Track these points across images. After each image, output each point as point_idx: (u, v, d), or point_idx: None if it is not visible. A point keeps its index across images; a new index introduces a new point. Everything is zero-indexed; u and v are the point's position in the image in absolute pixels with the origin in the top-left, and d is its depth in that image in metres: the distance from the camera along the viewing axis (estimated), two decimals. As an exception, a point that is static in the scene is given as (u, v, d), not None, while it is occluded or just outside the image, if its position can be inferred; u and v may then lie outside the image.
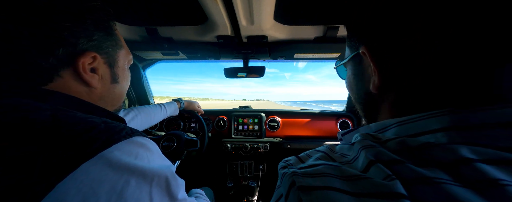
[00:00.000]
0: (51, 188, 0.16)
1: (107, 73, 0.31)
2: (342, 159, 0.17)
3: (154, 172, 0.22)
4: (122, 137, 0.22)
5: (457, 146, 0.13)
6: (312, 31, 0.74)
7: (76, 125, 0.20)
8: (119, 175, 0.19)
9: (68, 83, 0.26)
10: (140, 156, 0.22)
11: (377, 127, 0.19)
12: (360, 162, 0.15)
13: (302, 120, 1.15)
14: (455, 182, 0.11)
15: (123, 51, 0.34)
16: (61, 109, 0.21)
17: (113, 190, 0.18)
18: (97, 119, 0.23)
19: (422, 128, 0.15)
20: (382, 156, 0.14)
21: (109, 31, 0.30)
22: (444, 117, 0.14)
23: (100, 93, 0.31)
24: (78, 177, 0.17)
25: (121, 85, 0.35)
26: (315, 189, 0.13)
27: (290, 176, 0.15)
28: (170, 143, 0.81)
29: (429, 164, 0.13)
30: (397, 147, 0.15)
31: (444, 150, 0.13)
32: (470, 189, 0.11)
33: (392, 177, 0.12)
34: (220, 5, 0.53)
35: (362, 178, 0.13)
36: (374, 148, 0.15)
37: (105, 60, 0.30)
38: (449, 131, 0.14)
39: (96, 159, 0.19)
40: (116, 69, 0.33)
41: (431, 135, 0.14)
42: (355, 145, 0.17)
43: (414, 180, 0.12)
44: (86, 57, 0.27)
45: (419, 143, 0.14)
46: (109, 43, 0.30)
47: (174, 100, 0.92)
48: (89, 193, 0.17)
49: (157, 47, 0.78)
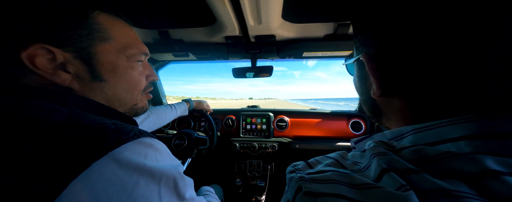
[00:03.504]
0: (65, 185, 0.17)
1: (82, 70, 0.27)
2: (354, 167, 0.16)
3: (162, 172, 0.23)
4: (130, 138, 0.22)
5: (481, 156, 0.12)
6: (322, 28, 0.72)
7: (90, 126, 0.21)
8: (129, 176, 0.20)
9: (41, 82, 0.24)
10: (149, 156, 0.23)
11: (393, 135, 0.18)
12: (372, 170, 0.14)
13: (312, 120, 1.13)
14: (479, 196, 0.10)
15: (108, 44, 0.28)
16: (76, 111, 0.22)
17: (123, 190, 0.19)
18: (108, 121, 0.23)
19: (442, 136, 0.14)
20: (396, 165, 0.13)
21: (78, 19, 0.25)
22: (466, 124, 0.13)
23: (83, 94, 0.28)
24: (91, 176, 0.18)
25: (111, 84, 0.30)
26: (322, 196, 0.13)
27: (297, 181, 0.15)
28: (181, 142, 0.84)
29: (449, 175, 0.12)
30: (413, 156, 0.14)
31: (467, 161, 0.12)
32: None
33: (407, 187, 0.11)
34: (228, 6, 0.53)
35: (373, 187, 0.12)
36: (387, 155, 0.14)
37: (74, 53, 0.26)
38: (472, 140, 0.13)
39: (106, 158, 0.19)
40: (96, 64, 0.28)
41: (452, 143, 0.13)
42: (367, 152, 0.16)
43: (431, 192, 0.11)
44: (29, 50, 0.23)
45: (438, 152, 0.13)
46: (76, 33, 0.25)
47: (183, 101, 0.95)
48: (101, 193, 0.18)
49: (169, 49, 0.81)
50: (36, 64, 0.23)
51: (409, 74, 0.17)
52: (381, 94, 0.19)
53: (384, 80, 0.19)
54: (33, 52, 0.23)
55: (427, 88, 0.16)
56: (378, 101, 0.21)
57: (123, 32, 0.31)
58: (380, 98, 0.20)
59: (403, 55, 0.16)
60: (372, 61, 0.19)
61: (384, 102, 0.21)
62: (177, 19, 0.67)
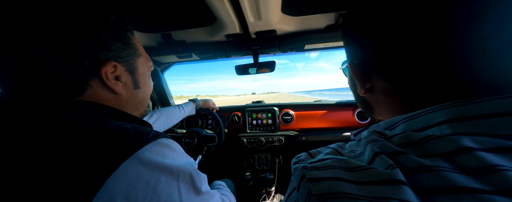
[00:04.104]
0: (101, 183, 0.19)
1: (129, 80, 0.34)
2: (351, 154, 0.18)
3: (179, 169, 0.25)
4: (149, 139, 0.25)
5: (458, 136, 0.13)
6: (323, 19, 0.71)
7: (113, 131, 0.23)
8: (151, 173, 0.22)
9: (97, 91, 0.30)
10: (167, 155, 0.25)
11: (387, 125, 0.19)
12: (366, 155, 0.16)
13: (317, 112, 1.14)
14: (454, 169, 0.12)
15: (141, 59, 0.37)
16: (100, 118, 0.25)
17: (148, 185, 0.22)
18: (128, 125, 0.26)
19: (428, 122, 0.16)
20: (386, 149, 0.15)
21: (126, 41, 0.33)
22: (448, 110, 0.15)
23: (126, 98, 0.34)
24: (120, 175, 0.20)
25: (143, 90, 0.37)
26: (323, 180, 0.14)
27: (301, 170, 0.17)
28: (191, 140, 0.87)
29: (430, 154, 0.13)
30: (402, 141, 0.15)
31: (446, 141, 0.13)
32: (468, 175, 0.11)
33: (394, 166, 0.13)
34: (227, 5, 0.54)
35: (366, 168, 0.14)
36: (379, 141, 0.16)
37: (126, 68, 0.33)
38: (452, 123, 0.14)
39: (131, 159, 0.22)
40: (137, 75, 0.35)
41: (437, 127, 0.15)
42: (362, 140, 0.18)
43: (414, 169, 0.13)
44: (108, 66, 0.29)
45: (423, 136, 0.15)
46: (127, 52, 0.33)
47: (190, 100, 0.98)
48: (130, 189, 0.20)
49: (172, 50, 0.83)
50: (108, 77, 0.30)
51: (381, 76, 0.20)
52: (365, 92, 0.23)
53: (363, 81, 0.23)
54: (107, 68, 0.30)
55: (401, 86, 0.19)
56: (367, 98, 0.24)
57: (142, 48, 0.38)
58: (368, 95, 0.23)
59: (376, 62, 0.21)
60: (354, 68, 0.23)
61: (371, 98, 0.24)
62: (178, 21, 0.68)
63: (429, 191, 0.12)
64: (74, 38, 0.26)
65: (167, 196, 0.23)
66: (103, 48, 0.29)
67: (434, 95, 0.17)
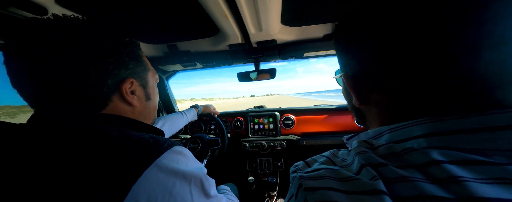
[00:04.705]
0: (128, 189, 0.22)
1: (142, 93, 0.38)
2: (342, 163, 0.20)
3: (191, 174, 0.28)
4: (165, 148, 0.28)
5: (430, 150, 0.15)
6: (320, 29, 0.74)
7: (135, 142, 0.26)
8: (168, 178, 0.25)
9: (117, 105, 0.33)
10: (180, 161, 0.28)
11: (374, 133, 0.22)
12: (355, 166, 0.18)
13: (317, 117, 1.16)
14: (426, 180, 0.14)
15: (150, 73, 0.41)
16: (124, 130, 0.28)
17: (165, 189, 0.25)
18: (146, 135, 0.29)
19: (408, 134, 0.18)
20: (371, 161, 0.17)
21: (139, 59, 0.37)
22: (425, 125, 0.17)
23: (140, 110, 0.37)
24: (143, 181, 0.23)
25: (153, 101, 0.42)
26: (317, 190, 0.17)
27: (298, 179, 0.19)
28: (195, 145, 0.90)
29: (408, 165, 0.16)
30: (385, 152, 0.18)
31: (420, 154, 0.16)
32: (437, 185, 0.14)
33: (377, 177, 0.15)
34: (230, 19, 0.57)
35: (353, 179, 0.17)
36: (366, 153, 0.18)
37: (140, 82, 0.37)
38: (428, 137, 0.16)
39: (152, 167, 0.25)
40: (148, 88, 0.39)
41: (415, 140, 0.17)
42: (352, 151, 0.20)
43: (394, 179, 0.15)
44: (126, 83, 0.33)
45: (403, 148, 0.17)
46: (140, 68, 0.37)
47: (192, 107, 1.01)
48: (151, 193, 0.23)
49: (178, 60, 0.87)
50: (126, 92, 0.34)
51: (376, 89, 0.22)
52: (360, 103, 0.24)
53: (359, 93, 0.24)
54: (126, 85, 0.34)
55: (391, 98, 0.21)
56: (361, 108, 0.26)
57: (149, 63, 0.42)
58: (361, 106, 0.25)
59: (367, 76, 0.22)
60: (349, 79, 0.24)
61: (365, 109, 0.25)
62: (184, 32, 0.72)
63: (406, 199, 0.14)
64: (101, 62, 0.30)
65: (182, 199, 0.26)
66: (122, 68, 0.33)
67: (420, 109, 0.19)
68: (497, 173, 0.13)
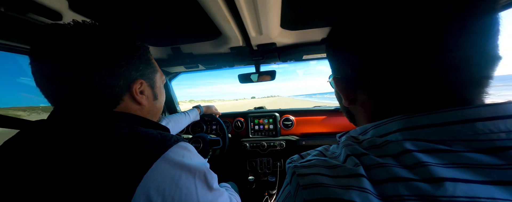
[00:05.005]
0: (140, 178, 0.25)
1: (150, 93, 0.41)
2: (332, 155, 0.23)
3: (196, 168, 0.31)
4: (172, 143, 0.30)
5: (403, 142, 0.18)
6: (318, 33, 0.78)
7: (144, 137, 0.29)
8: (174, 170, 0.28)
9: (127, 103, 0.36)
10: (185, 155, 0.31)
11: (361, 130, 0.25)
12: (342, 156, 0.21)
13: (316, 118, 1.19)
14: (398, 165, 0.17)
15: (158, 74, 0.43)
16: (134, 126, 0.31)
17: (172, 181, 0.27)
18: (154, 131, 0.31)
19: (387, 130, 0.21)
20: (355, 151, 0.20)
21: (148, 61, 0.40)
22: (400, 121, 0.20)
23: (148, 108, 0.40)
24: (152, 171, 0.26)
25: (160, 101, 0.44)
26: (308, 175, 0.19)
27: (292, 168, 0.21)
28: (197, 145, 0.93)
29: (385, 155, 0.18)
30: (368, 144, 0.21)
31: (396, 145, 0.18)
32: (406, 169, 0.16)
33: (359, 164, 0.18)
34: (231, 22, 0.61)
35: (340, 166, 0.19)
36: (351, 146, 0.21)
37: (148, 83, 0.40)
38: (402, 131, 0.19)
39: (161, 159, 0.27)
40: (156, 89, 0.42)
41: (393, 134, 0.20)
42: (340, 144, 0.23)
43: (372, 166, 0.18)
44: (137, 83, 0.36)
45: (382, 141, 0.20)
46: (149, 70, 0.40)
47: (194, 107, 1.04)
48: (160, 183, 0.26)
49: (181, 62, 0.90)
50: (136, 92, 0.37)
51: (362, 90, 0.25)
52: (349, 103, 0.27)
53: (346, 94, 0.27)
54: (136, 85, 0.36)
55: (373, 100, 0.24)
56: (350, 108, 0.29)
57: (157, 65, 0.44)
58: (350, 106, 0.28)
59: (353, 80, 0.24)
60: (338, 82, 0.27)
61: (353, 109, 0.28)
62: (187, 35, 0.76)
63: (380, 181, 0.17)
64: (115, 64, 0.33)
65: (187, 190, 0.28)
66: (133, 70, 0.36)
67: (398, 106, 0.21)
68: (455, 159, 0.16)
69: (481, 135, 0.16)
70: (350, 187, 0.17)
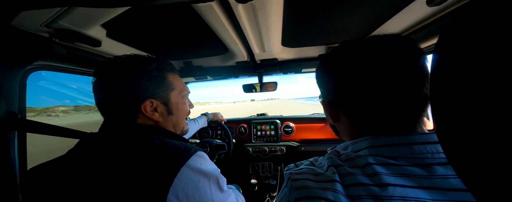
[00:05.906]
0: (171, 181, 0.32)
1: (164, 110, 0.44)
2: (319, 165, 0.30)
3: (211, 173, 0.38)
4: (192, 153, 0.37)
5: (368, 157, 0.25)
6: (316, 50, 0.87)
7: (171, 147, 0.37)
8: (194, 175, 0.35)
9: (143, 119, 0.42)
10: (202, 163, 0.38)
11: (343, 146, 0.32)
12: (325, 166, 0.28)
13: (315, 125, 1.26)
14: (362, 174, 0.24)
15: (175, 92, 0.46)
16: (162, 138, 0.39)
17: (193, 184, 0.34)
18: (178, 142, 0.39)
19: (360, 146, 0.28)
20: (334, 163, 0.27)
21: (161, 81, 0.43)
22: (367, 141, 0.27)
23: (163, 123, 0.45)
24: (179, 176, 0.33)
25: (176, 116, 0.47)
26: (299, 180, 0.27)
27: (289, 174, 0.29)
28: (204, 149, 1.01)
29: (355, 166, 0.26)
30: (345, 158, 0.28)
31: (362, 159, 0.26)
32: (367, 177, 0.24)
33: (335, 172, 0.26)
34: (238, 42, 0.70)
35: (322, 174, 0.27)
36: (332, 158, 0.29)
37: (161, 101, 0.43)
38: (369, 149, 0.27)
39: (185, 166, 0.35)
40: (170, 105, 0.45)
41: (363, 150, 0.27)
42: (325, 156, 0.31)
43: (345, 174, 0.25)
44: (145, 103, 0.40)
45: (354, 155, 0.27)
46: (161, 89, 0.43)
47: (202, 114, 1.11)
48: (184, 186, 0.33)
49: (192, 74, 1.00)
50: (146, 110, 0.42)
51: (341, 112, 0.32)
52: (334, 122, 0.33)
53: (331, 115, 0.33)
54: (145, 104, 0.41)
55: (351, 121, 0.31)
56: (335, 126, 0.35)
57: (179, 81, 0.50)
58: (335, 124, 0.35)
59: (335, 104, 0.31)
60: (324, 104, 0.33)
61: (338, 126, 0.35)
62: (198, 51, 0.85)
63: (349, 185, 0.24)
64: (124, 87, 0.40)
65: (204, 191, 0.36)
66: (142, 91, 0.41)
67: (368, 130, 0.29)
68: (399, 170, 0.23)
69: (416, 154, 0.24)
70: (327, 189, 0.24)
